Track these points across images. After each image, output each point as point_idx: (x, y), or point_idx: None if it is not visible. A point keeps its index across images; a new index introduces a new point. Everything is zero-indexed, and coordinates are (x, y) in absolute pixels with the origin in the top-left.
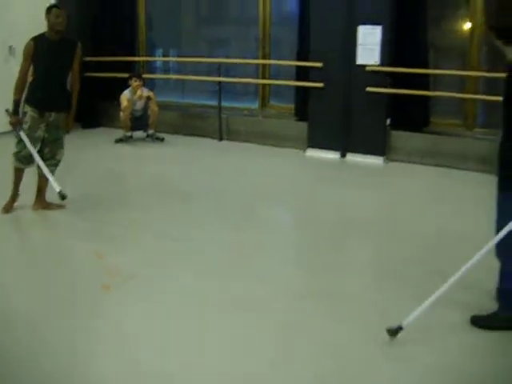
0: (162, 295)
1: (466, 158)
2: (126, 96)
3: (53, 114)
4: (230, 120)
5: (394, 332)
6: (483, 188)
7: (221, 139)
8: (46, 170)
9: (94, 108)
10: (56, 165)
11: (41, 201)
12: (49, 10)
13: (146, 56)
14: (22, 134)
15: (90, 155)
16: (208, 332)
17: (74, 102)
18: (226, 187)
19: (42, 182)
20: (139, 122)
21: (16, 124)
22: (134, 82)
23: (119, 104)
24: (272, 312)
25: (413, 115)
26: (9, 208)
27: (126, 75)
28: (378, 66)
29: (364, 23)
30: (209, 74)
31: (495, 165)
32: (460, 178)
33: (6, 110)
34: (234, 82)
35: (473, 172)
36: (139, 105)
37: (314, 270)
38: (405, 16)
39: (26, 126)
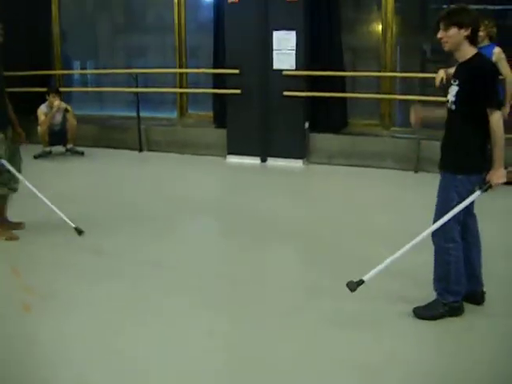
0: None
1: (385, 157)
2: (42, 110)
3: (10, 129)
4: (150, 130)
5: (355, 285)
6: (400, 184)
7: (141, 150)
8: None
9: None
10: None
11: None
12: None
13: (62, 69)
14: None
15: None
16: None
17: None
18: (149, 199)
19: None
20: (58, 136)
21: None
22: (52, 98)
23: (36, 119)
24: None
25: (331, 117)
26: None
27: (42, 89)
28: (295, 70)
29: (277, 29)
30: (127, 85)
31: (412, 162)
32: (378, 177)
33: None
34: (152, 92)
35: (391, 170)
36: (57, 119)
37: (236, 278)
38: (319, 20)
39: (1, 152)
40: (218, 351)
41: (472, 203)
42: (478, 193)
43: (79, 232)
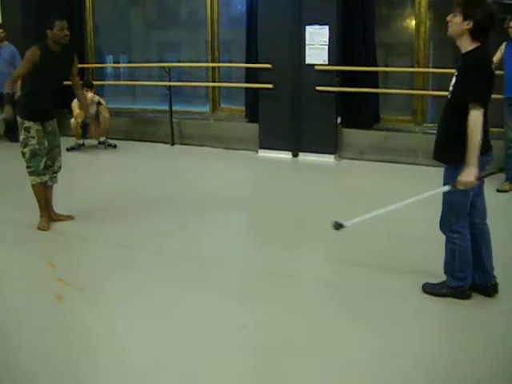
0: (123, 304)
1: (416, 153)
2: (77, 103)
3: (51, 122)
4: (182, 124)
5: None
6: (432, 181)
7: (173, 144)
8: None
9: None
10: (57, 172)
11: (48, 213)
12: (51, 23)
13: (96, 63)
14: None
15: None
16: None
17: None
18: (181, 192)
19: (49, 194)
20: (89, 129)
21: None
22: (86, 92)
23: (70, 112)
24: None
25: (363, 112)
26: (47, 226)
27: None
28: (327, 65)
29: (310, 24)
30: (159, 79)
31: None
32: (410, 173)
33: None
34: (185, 86)
35: (423, 166)
36: (90, 112)
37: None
38: (352, 15)
39: (34, 141)
40: (253, 344)
41: (481, 198)
42: (446, 187)
43: None
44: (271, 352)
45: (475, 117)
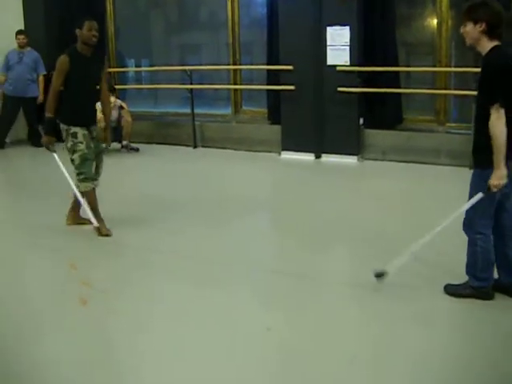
0: (147, 305)
1: (439, 153)
2: (99, 108)
3: (94, 128)
4: (204, 127)
5: (379, 275)
6: (456, 181)
7: (195, 146)
8: (78, 194)
9: None
10: (99, 176)
11: (74, 216)
12: (81, 23)
13: (117, 67)
14: (55, 156)
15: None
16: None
17: (109, 115)
18: (204, 195)
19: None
20: (113, 133)
21: (49, 144)
22: None
23: None
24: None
25: (385, 113)
26: (107, 231)
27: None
28: (349, 65)
29: (331, 24)
30: (181, 82)
31: (467, 158)
32: (433, 173)
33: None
34: (206, 89)
35: (446, 166)
36: (113, 115)
37: (295, 274)
38: (373, 15)
39: (82, 146)
40: (278, 347)
41: (511, 200)
42: (480, 195)
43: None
44: (294, 355)
45: (494, 119)
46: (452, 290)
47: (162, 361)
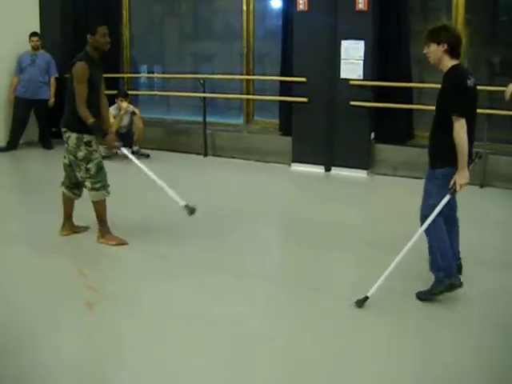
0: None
1: None
2: (111, 113)
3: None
4: (215, 136)
5: (361, 302)
6: (466, 200)
7: (206, 155)
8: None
9: None
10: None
11: (70, 226)
12: (93, 28)
13: (131, 73)
14: (124, 150)
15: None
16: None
17: (108, 120)
18: (212, 204)
19: (70, 207)
20: (124, 138)
21: (112, 140)
22: (120, 101)
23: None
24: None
25: (397, 128)
26: (122, 241)
27: (112, 92)
28: (362, 80)
29: (346, 38)
30: (193, 90)
31: (478, 176)
32: None
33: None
34: (219, 98)
35: None
36: (124, 121)
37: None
38: (388, 30)
39: (97, 155)
40: (284, 358)
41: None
42: (448, 197)
43: (190, 211)
44: (299, 364)
45: (457, 127)
46: (424, 296)
47: (165, 367)
